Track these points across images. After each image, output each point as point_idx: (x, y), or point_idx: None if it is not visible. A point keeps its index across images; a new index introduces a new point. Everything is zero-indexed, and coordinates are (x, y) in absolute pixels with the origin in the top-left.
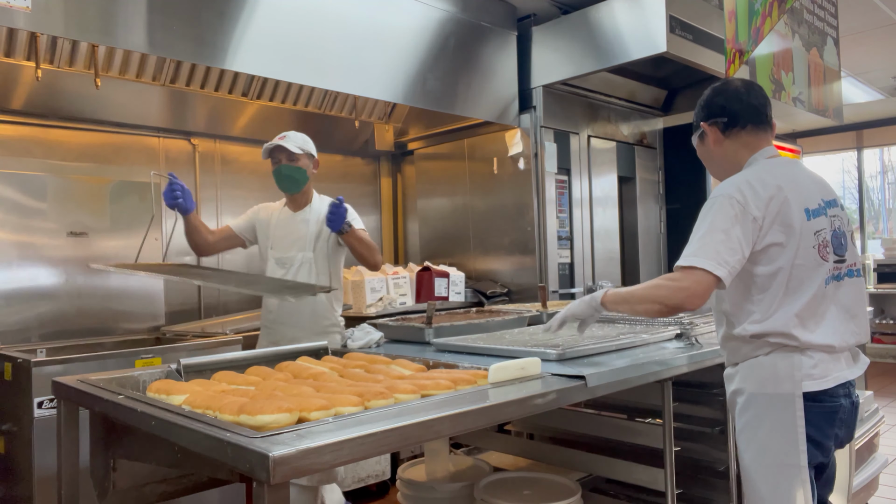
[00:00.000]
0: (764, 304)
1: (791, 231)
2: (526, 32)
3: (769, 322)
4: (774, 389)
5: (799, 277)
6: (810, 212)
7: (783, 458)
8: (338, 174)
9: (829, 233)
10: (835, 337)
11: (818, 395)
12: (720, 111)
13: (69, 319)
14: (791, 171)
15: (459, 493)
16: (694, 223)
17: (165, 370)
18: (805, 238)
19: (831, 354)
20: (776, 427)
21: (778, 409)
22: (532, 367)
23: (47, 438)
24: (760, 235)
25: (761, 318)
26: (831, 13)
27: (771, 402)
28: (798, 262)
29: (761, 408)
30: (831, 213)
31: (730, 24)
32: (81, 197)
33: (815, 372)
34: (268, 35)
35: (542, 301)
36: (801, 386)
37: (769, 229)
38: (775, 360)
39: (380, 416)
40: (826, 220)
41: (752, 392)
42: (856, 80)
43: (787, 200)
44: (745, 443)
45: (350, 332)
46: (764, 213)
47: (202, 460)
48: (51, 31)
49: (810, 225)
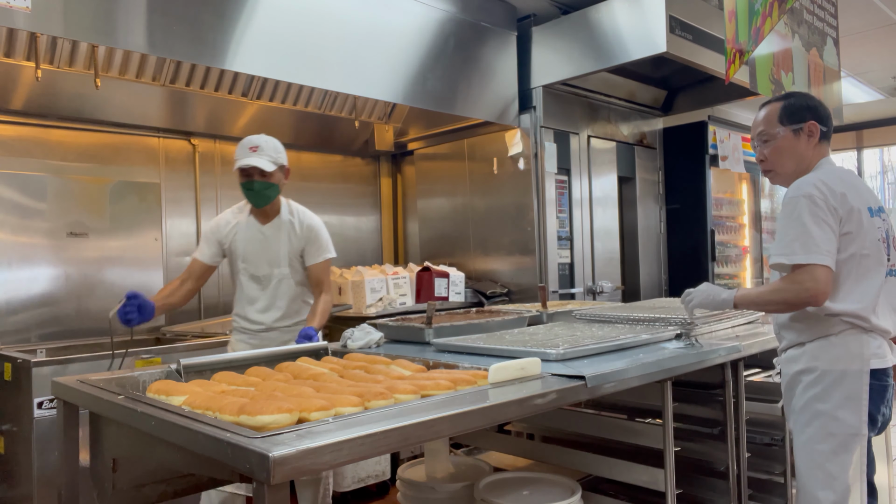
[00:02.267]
0: (839, 287)
1: (860, 223)
2: (526, 33)
3: (845, 303)
4: (846, 366)
5: (867, 266)
6: (872, 210)
7: (848, 430)
8: (338, 174)
9: (884, 232)
10: (891, 324)
11: (877, 374)
12: (824, 121)
13: (69, 319)
14: (850, 176)
15: (459, 493)
16: (694, 223)
17: (165, 370)
18: (870, 231)
19: (887, 339)
20: (845, 401)
21: (847, 384)
22: (532, 367)
23: (47, 438)
24: (841, 224)
25: (837, 298)
26: (831, 13)
27: (842, 377)
28: (865, 252)
29: (830, 383)
30: (882, 216)
31: (730, 24)
32: (81, 197)
33: (879, 352)
34: (268, 35)
35: (542, 301)
36: (869, 363)
37: (845, 220)
38: (847, 340)
39: (380, 416)
40: (881, 221)
41: (823, 369)
42: (856, 80)
43: (854, 197)
44: (808, 417)
45: (350, 333)
46: (839, 204)
47: (202, 460)
48: (51, 31)
49: (872, 221)
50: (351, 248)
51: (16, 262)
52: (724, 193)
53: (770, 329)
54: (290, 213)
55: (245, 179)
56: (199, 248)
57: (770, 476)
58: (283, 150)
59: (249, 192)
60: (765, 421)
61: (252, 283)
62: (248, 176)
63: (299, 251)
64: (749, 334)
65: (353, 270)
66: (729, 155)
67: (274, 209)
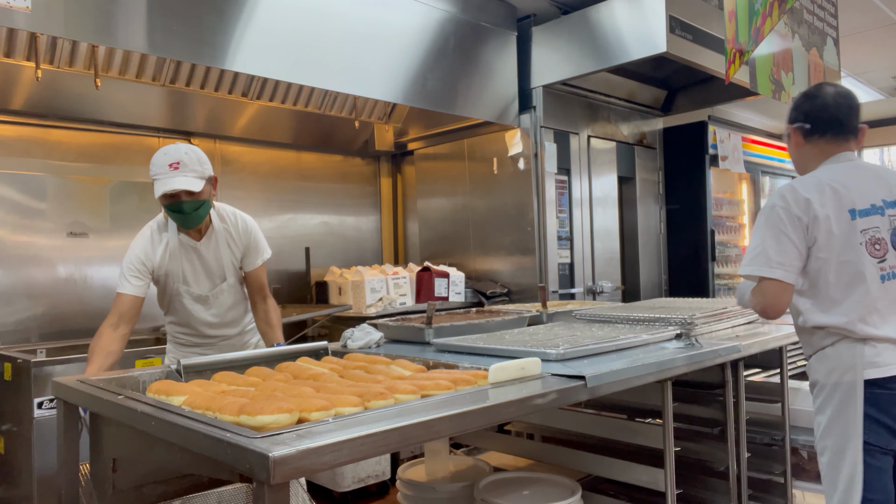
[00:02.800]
0: (819, 298)
1: (828, 230)
2: (526, 32)
3: (828, 315)
4: (839, 378)
5: (849, 273)
6: (857, 212)
7: (841, 443)
8: (338, 174)
9: (888, 231)
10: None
11: (884, 382)
12: (804, 117)
13: (69, 319)
14: (852, 172)
15: (459, 493)
16: (693, 223)
17: (165, 370)
18: (849, 235)
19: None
20: (837, 415)
21: (839, 396)
22: (532, 367)
23: (47, 438)
24: (808, 233)
25: (819, 310)
26: (831, 13)
27: (835, 389)
28: (843, 259)
29: (826, 396)
30: (890, 212)
31: (730, 24)
32: (81, 197)
33: (878, 360)
34: (268, 35)
35: (542, 301)
36: (863, 374)
37: (811, 227)
38: (839, 351)
39: (380, 416)
40: (881, 220)
41: (822, 382)
42: (856, 80)
43: (826, 201)
44: (815, 427)
45: (350, 333)
46: (802, 212)
47: (202, 460)
48: (51, 31)
49: (855, 224)
50: (351, 248)
51: (16, 262)
52: (724, 193)
53: (770, 329)
54: (222, 220)
55: (170, 202)
56: (127, 282)
57: (770, 476)
58: (206, 158)
59: (178, 216)
60: (765, 421)
61: (196, 303)
62: (174, 196)
63: (241, 257)
64: (749, 334)
65: (353, 270)
66: (729, 155)
67: (206, 223)
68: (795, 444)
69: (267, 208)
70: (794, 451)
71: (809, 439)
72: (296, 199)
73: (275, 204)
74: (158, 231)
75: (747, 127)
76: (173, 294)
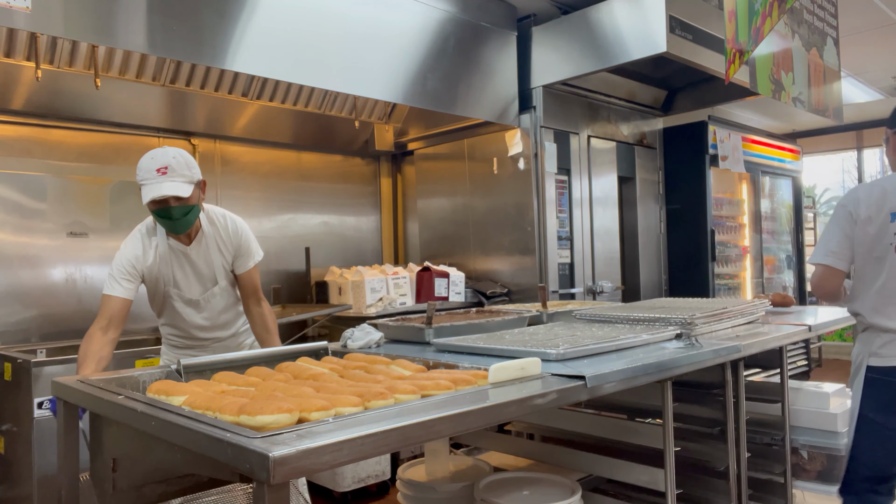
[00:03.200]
0: (855, 288)
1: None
2: (526, 32)
3: (854, 304)
4: (859, 361)
5: (878, 268)
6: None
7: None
8: (338, 174)
9: None
10: None
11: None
12: None
13: (69, 319)
14: None
15: (459, 493)
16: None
17: (165, 370)
18: (883, 236)
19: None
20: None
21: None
22: (532, 367)
23: (47, 438)
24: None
25: (853, 298)
26: (831, 13)
27: (857, 371)
28: (876, 255)
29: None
30: None
31: (730, 24)
32: (81, 197)
33: (881, 351)
34: (268, 35)
35: (542, 301)
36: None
37: (862, 225)
38: (864, 338)
39: (380, 416)
40: None
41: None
42: (856, 80)
43: (876, 201)
44: None
45: (350, 333)
46: (855, 210)
47: (202, 460)
48: (51, 31)
49: (892, 226)
50: (351, 248)
51: (16, 262)
52: (724, 193)
53: (770, 329)
54: (211, 223)
55: (158, 207)
56: (118, 284)
57: (770, 476)
58: (194, 162)
59: (167, 221)
60: (765, 421)
61: (188, 307)
62: (162, 202)
63: (232, 260)
64: (749, 334)
65: (353, 270)
66: (729, 155)
67: (195, 227)
68: (795, 444)
69: (267, 208)
70: (794, 451)
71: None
72: (296, 199)
73: (275, 204)
74: (147, 235)
75: (747, 127)
76: (164, 297)
